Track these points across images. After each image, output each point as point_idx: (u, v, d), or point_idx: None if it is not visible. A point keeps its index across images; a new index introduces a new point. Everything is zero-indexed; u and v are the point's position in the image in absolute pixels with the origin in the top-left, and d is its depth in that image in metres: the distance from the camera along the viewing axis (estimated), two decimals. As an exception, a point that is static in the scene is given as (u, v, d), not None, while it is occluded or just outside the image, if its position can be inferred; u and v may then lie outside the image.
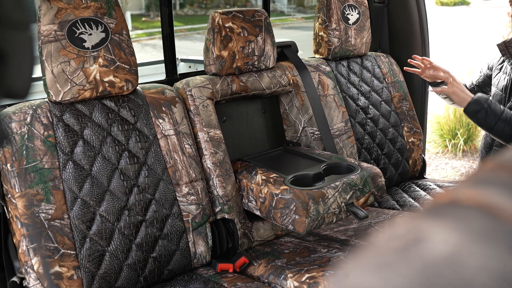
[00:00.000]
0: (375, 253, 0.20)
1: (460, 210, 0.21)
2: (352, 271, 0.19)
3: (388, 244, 0.20)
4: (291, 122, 1.91)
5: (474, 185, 0.23)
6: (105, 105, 1.45)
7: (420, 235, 0.20)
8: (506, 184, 0.23)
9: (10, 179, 1.28)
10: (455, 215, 0.21)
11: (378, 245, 0.20)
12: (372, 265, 0.19)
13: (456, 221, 0.20)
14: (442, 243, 0.19)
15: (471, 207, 0.21)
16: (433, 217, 0.21)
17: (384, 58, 2.22)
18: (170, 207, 1.47)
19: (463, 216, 0.20)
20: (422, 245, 0.19)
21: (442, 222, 0.20)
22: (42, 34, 1.34)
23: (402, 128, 2.17)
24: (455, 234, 0.19)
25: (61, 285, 1.27)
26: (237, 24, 1.70)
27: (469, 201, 0.22)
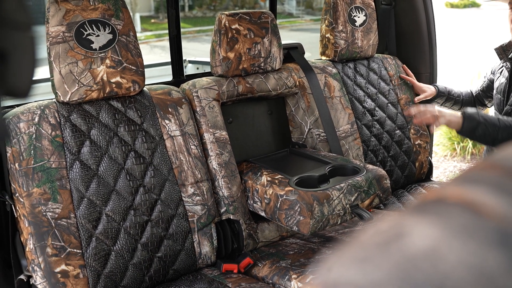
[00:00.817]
0: (357, 248, 0.20)
1: (444, 207, 0.22)
2: (334, 265, 0.19)
3: (370, 239, 0.20)
4: (297, 123, 1.91)
5: (462, 183, 0.24)
6: (112, 105, 1.47)
7: (401, 231, 0.20)
8: (493, 182, 0.23)
9: (18, 178, 1.30)
10: (438, 211, 0.21)
11: (361, 240, 0.21)
12: (353, 259, 0.19)
13: (438, 217, 0.21)
14: (423, 238, 0.19)
15: (455, 204, 0.21)
16: (417, 213, 0.22)
17: (391, 60, 2.22)
18: (175, 207, 1.48)
19: (445, 212, 0.21)
20: (403, 240, 0.19)
21: (424, 218, 0.21)
22: (50, 35, 1.35)
23: (408, 130, 2.16)
24: (435, 229, 0.20)
25: (67, 283, 1.29)
26: (244, 26, 1.71)
27: (454, 198, 0.22)
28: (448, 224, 0.20)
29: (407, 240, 0.19)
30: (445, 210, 0.21)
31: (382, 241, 0.20)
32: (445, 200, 0.22)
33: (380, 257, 0.19)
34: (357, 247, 0.20)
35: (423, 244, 0.19)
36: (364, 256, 0.19)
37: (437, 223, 0.20)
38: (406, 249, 0.19)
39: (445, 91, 2.16)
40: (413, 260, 0.18)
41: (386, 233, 0.20)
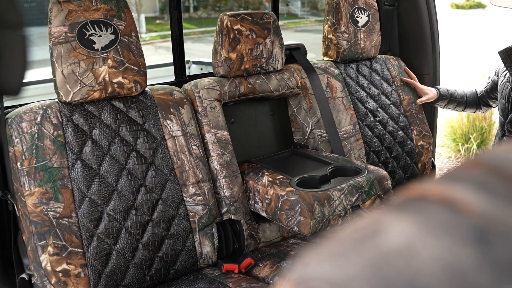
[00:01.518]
0: (334, 244, 0.20)
1: (423, 204, 0.22)
2: (311, 261, 0.20)
3: (348, 236, 0.21)
4: (299, 124, 1.91)
5: (444, 181, 0.24)
6: (114, 105, 1.47)
7: (378, 227, 0.20)
8: (475, 180, 0.23)
9: (20, 178, 1.31)
10: (416, 208, 0.21)
11: (339, 236, 0.21)
12: (329, 255, 0.19)
13: (415, 214, 0.21)
14: (398, 235, 0.19)
15: (434, 201, 0.22)
16: (396, 210, 0.22)
17: (394, 61, 2.21)
18: (176, 207, 1.48)
19: (423, 209, 0.21)
20: (379, 236, 0.19)
21: (402, 215, 0.21)
22: (53, 35, 1.36)
23: (411, 131, 2.16)
24: (412, 226, 0.20)
25: (69, 282, 1.30)
26: (246, 27, 1.71)
27: (435, 196, 0.22)
28: (424, 221, 0.20)
29: (383, 236, 0.19)
30: (423, 207, 0.21)
31: (359, 237, 0.20)
32: (425, 198, 0.22)
33: (355, 253, 0.19)
34: (334, 243, 0.20)
35: (398, 241, 0.19)
36: (339, 252, 0.19)
37: (413, 220, 0.20)
38: (381, 245, 0.19)
39: (447, 94, 2.15)
40: (386, 256, 0.18)
41: (363, 230, 0.21)
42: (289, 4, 15.07)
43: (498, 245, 0.19)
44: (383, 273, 0.18)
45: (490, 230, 0.19)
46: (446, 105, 2.17)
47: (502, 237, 0.19)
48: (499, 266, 0.18)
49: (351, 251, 0.19)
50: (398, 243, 0.19)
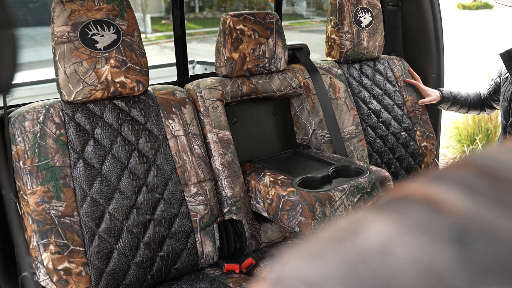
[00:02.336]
0: (313, 243, 0.20)
1: (405, 204, 0.21)
2: (289, 260, 0.20)
3: (328, 235, 0.20)
4: (301, 124, 1.91)
5: (430, 181, 0.24)
6: (116, 105, 1.48)
7: (358, 227, 0.20)
8: (460, 180, 0.23)
9: (23, 176, 1.31)
10: (397, 208, 0.21)
11: (319, 236, 0.21)
12: (307, 254, 0.19)
13: (396, 214, 0.21)
14: (376, 235, 0.19)
15: (416, 201, 0.21)
16: (377, 210, 0.22)
17: (398, 61, 2.21)
18: (178, 206, 1.49)
19: (404, 209, 0.21)
20: (358, 236, 0.19)
21: (383, 215, 0.21)
22: (56, 35, 1.37)
23: (414, 132, 2.15)
24: (391, 226, 0.20)
25: (70, 280, 1.30)
26: (248, 27, 1.71)
27: (418, 196, 0.22)
28: (404, 221, 0.20)
29: (361, 236, 0.19)
30: (405, 207, 0.21)
31: (338, 237, 0.20)
32: (408, 198, 0.22)
33: (332, 252, 0.19)
34: (313, 242, 0.20)
35: (376, 241, 0.19)
36: (317, 252, 0.19)
37: (393, 220, 0.20)
38: (358, 245, 0.19)
39: (450, 96, 2.14)
40: (363, 256, 0.18)
41: (343, 230, 0.21)
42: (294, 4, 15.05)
43: (478, 246, 0.19)
44: (358, 273, 0.18)
45: (470, 230, 0.19)
46: (449, 107, 2.15)
47: (482, 238, 0.19)
48: (476, 268, 0.17)
49: (329, 251, 0.19)
50: (375, 243, 0.19)
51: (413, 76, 2.19)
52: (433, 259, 0.18)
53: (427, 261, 0.18)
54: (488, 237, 0.19)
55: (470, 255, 0.18)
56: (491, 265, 0.17)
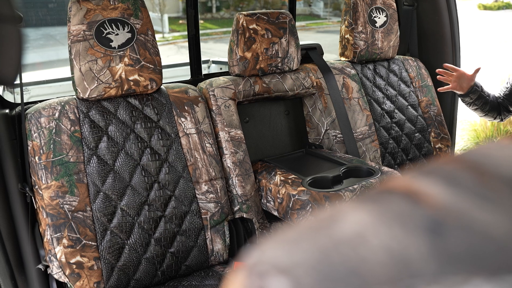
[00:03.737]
0: (293, 232, 0.21)
1: (386, 195, 0.22)
2: (266, 247, 0.20)
3: (307, 225, 0.21)
4: (314, 124, 1.91)
5: (415, 175, 0.24)
6: (129, 103, 1.50)
7: (337, 217, 0.21)
8: (446, 174, 0.23)
9: (38, 171, 1.34)
10: (377, 200, 0.22)
11: (300, 225, 0.21)
12: (284, 241, 0.20)
13: (375, 204, 0.21)
14: (352, 224, 0.20)
15: (398, 193, 0.22)
16: (358, 202, 0.22)
17: (412, 62, 2.19)
18: (189, 204, 1.50)
19: (384, 200, 0.21)
20: (334, 225, 0.20)
21: (362, 206, 0.21)
22: (72, 33, 1.40)
23: (429, 133, 2.13)
24: (368, 216, 0.20)
25: (82, 274, 1.33)
26: (261, 26, 1.72)
27: (400, 188, 0.22)
28: (381, 211, 0.20)
29: (338, 225, 0.20)
30: (385, 198, 0.22)
31: (316, 226, 0.20)
32: (391, 190, 0.23)
33: (307, 240, 0.19)
34: (293, 231, 0.21)
35: (351, 229, 0.19)
36: (294, 239, 0.20)
37: (371, 210, 0.21)
38: (333, 233, 0.19)
39: (479, 85, 1.97)
40: (337, 244, 0.19)
41: (322, 219, 0.21)
42: (311, 5, 15.00)
43: (451, 237, 0.19)
44: (329, 259, 0.18)
45: (446, 222, 0.20)
46: (476, 99, 1.97)
47: (457, 230, 0.19)
48: (446, 257, 0.18)
49: (305, 238, 0.20)
50: (350, 232, 0.19)
51: (450, 68, 1.96)
52: (404, 247, 0.18)
53: (398, 249, 0.18)
54: (463, 229, 0.19)
55: (442, 245, 0.18)
56: (461, 255, 0.18)
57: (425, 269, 0.17)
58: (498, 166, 0.24)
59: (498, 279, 0.16)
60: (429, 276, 0.17)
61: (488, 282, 0.16)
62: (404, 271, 0.17)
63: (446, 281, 0.17)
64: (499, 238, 0.19)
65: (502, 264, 0.17)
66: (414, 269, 0.17)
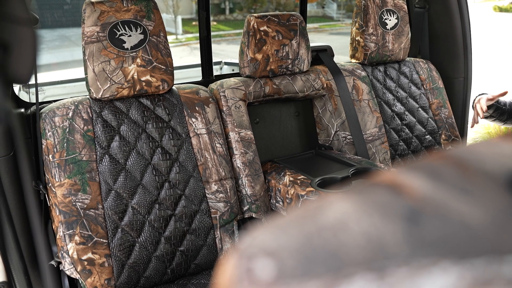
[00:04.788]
0: (282, 220, 0.22)
1: (370, 188, 0.23)
2: (257, 233, 0.22)
3: (296, 213, 0.23)
4: (324, 125, 1.92)
5: (402, 170, 0.25)
6: (141, 103, 1.53)
7: (323, 206, 0.22)
8: (431, 170, 0.25)
9: (51, 169, 1.38)
10: (362, 191, 0.23)
11: (290, 214, 0.23)
12: (274, 228, 0.21)
13: (359, 195, 0.22)
14: (336, 212, 0.21)
15: (382, 186, 0.23)
16: (344, 193, 0.23)
17: (424, 64, 2.18)
18: (199, 203, 1.52)
19: (368, 192, 0.23)
20: (319, 213, 0.21)
21: (347, 196, 0.23)
22: (86, 35, 1.43)
23: (439, 135, 2.12)
24: (351, 205, 0.22)
25: (93, 271, 1.35)
26: (272, 28, 1.73)
27: (385, 181, 0.24)
28: (364, 201, 0.22)
29: (323, 214, 0.21)
30: (369, 190, 0.23)
31: (303, 214, 0.22)
32: (377, 183, 0.24)
33: (294, 227, 0.21)
34: (283, 219, 0.22)
35: (334, 217, 0.21)
36: (282, 226, 0.21)
37: (355, 200, 0.22)
38: (318, 221, 0.21)
39: None
40: (320, 229, 0.20)
41: (310, 209, 0.23)
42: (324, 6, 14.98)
43: (426, 225, 0.20)
44: (312, 243, 0.20)
45: (423, 211, 0.21)
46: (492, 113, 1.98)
47: (433, 219, 0.21)
48: (419, 242, 0.19)
49: (292, 225, 0.21)
50: (333, 219, 0.21)
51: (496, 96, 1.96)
52: (381, 233, 0.20)
53: (375, 235, 0.20)
54: (438, 218, 0.21)
55: (417, 232, 0.20)
56: (433, 241, 0.19)
57: (398, 252, 0.19)
58: (483, 162, 0.25)
59: (465, 262, 0.18)
60: (400, 258, 0.18)
61: (456, 265, 0.18)
62: (379, 254, 0.19)
63: (416, 262, 0.18)
64: (472, 227, 0.20)
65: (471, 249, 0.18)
66: (388, 252, 0.19)
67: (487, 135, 4.13)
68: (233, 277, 0.20)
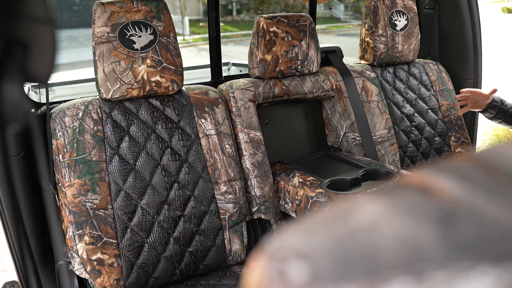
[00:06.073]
0: (311, 221, 0.22)
1: (400, 190, 0.23)
2: (286, 234, 0.21)
3: (325, 215, 0.22)
4: (333, 127, 1.91)
5: (430, 172, 0.25)
6: (151, 103, 1.53)
7: (353, 208, 0.22)
8: (459, 171, 0.24)
9: (61, 169, 1.38)
10: (392, 193, 0.23)
11: (318, 216, 0.22)
12: (303, 230, 0.21)
13: (389, 198, 0.22)
14: (367, 215, 0.21)
15: (412, 188, 0.23)
16: (374, 195, 0.23)
17: (433, 65, 2.17)
18: (208, 204, 1.52)
19: (398, 194, 0.22)
20: (351, 216, 0.21)
21: (377, 199, 0.22)
22: (96, 35, 1.43)
23: (449, 137, 2.11)
24: (382, 207, 0.21)
25: (103, 271, 1.36)
26: (282, 29, 1.73)
27: (414, 183, 0.23)
28: (395, 203, 0.21)
29: (353, 216, 0.21)
30: (399, 192, 0.23)
31: (333, 216, 0.22)
32: (405, 185, 0.24)
33: (325, 228, 0.21)
34: (311, 221, 0.22)
35: (365, 220, 0.20)
36: (312, 228, 0.21)
37: (385, 202, 0.22)
38: (349, 223, 0.21)
39: (498, 100, 1.98)
40: (352, 231, 0.20)
41: (339, 211, 0.22)
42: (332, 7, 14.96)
43: (460, 227, 0.20)
44: (345, 245, 0.19)
45: (456, 213, 0.21)
46: (496, 114, 1.99)
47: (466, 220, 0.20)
48: (455, 245, 0.19)
49: (322, 227, 0.21)
50: (365, 221, 0.20)
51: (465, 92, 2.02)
52: (416, 236, 0.19)
53: (409, 237, 0.19)
54: (472, 220, 0.20)
55: (451, 234, 0.19)
56: (469, 244, 0.19)
57: (435, 255, 0.18)
58: (510, 164, 0.25)
59: (504, 265, 0.17)
60: (437, 262, 0.18)
61: (494, 268, 0.17)
62: (414, 257, 0.18)
63: (454, 266, 0.18)
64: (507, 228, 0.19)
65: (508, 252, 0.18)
66: (424, 255, 0.19)
67: (495, 137, 4.10)
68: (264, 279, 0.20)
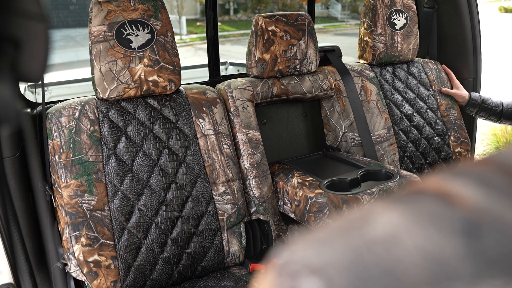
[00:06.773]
0: (323, 232, 0.20)
1: (417, 197, 0.21)
2: (297, 247, 0.20)
3: (338, 225, 0.21)
4: (331, 127, 1.90)
5: (447, 177, 0.23)
6: (148, 103, 1.51)
7: (368, 218, 0.20)
8: (478, 176, 0.23)
9: (58, 170, 1.36)
10: (409, 201, 0.21)
11: (330, 225, 0.21)
12: (315, 241, 0.20)
13: (406, 206, 0.21)
14: (385, 224, 0.19)
15: (430, 194, 0.21)
16: (389, 203, 0.22)
17: (432, 64, 2.16)
18: (206, 205, 1.50)
19: (416, 201, 0.21)
20: (366, 225, 0.20)
21: (393, 207, 0.21)
22: (93, 34, 1.41)
23: (448, 137, 2.09)
24: (400, 217, 0.20)
25: (99, 273, 1.34)
26: (280, 28, 1.71)
27: (431, 190, 0.22)
28: (414, 212, 0.20)
29: (370, 225, 0.19)
30: (417, 199, 0.21)
31: (347, 226, 0.20)
32: (422, 191, 0.22)
33: (339, 240, 0.19)
34: (323, 231, 0.21)
35: (383, 230, 0.19)
36: (324, 239, 0.19)
37: (403, 211, 0.20)
38: (366, 234, 0.19)
39: (478, 99, 2.04)
40: (369, 244, 0.18)
41: (353, 220, 0.21)
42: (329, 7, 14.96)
43: (487, 239, 0.18)
44: (363, 260, 0.18)
45: (481, 224, 0.19)
46: (477, 112, 2.07)
47: (492, 232, 0.19)
48: (483, 260, 0.17)
49: (336, 238, 0.19)
50: (382, 232, 0.19)
51: (446, 71, 2.16)
52: (440, 249, 0.18)
53: (433, 251, 0.18)
54: (498, 231, 0.19)
55: (478, 247, 0.18)
56: (498, 258, 0.17)
57: (463, 271, 0.17)
58: None
59: None
60: (467, 279, 0.16)
61: None
62: (441, 273, 0.17)
63: (486, 284, 0.16)
64: None
65: None
66: (451, 271, 0.17)
67: (493, 136, 4.10)
68: (274, 296, 0.18)
